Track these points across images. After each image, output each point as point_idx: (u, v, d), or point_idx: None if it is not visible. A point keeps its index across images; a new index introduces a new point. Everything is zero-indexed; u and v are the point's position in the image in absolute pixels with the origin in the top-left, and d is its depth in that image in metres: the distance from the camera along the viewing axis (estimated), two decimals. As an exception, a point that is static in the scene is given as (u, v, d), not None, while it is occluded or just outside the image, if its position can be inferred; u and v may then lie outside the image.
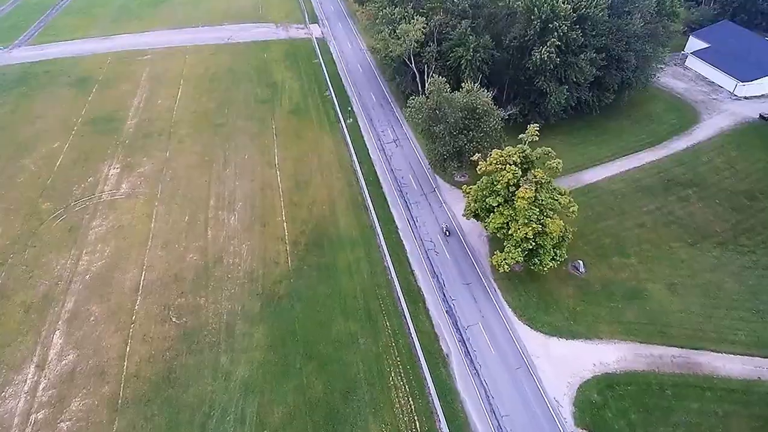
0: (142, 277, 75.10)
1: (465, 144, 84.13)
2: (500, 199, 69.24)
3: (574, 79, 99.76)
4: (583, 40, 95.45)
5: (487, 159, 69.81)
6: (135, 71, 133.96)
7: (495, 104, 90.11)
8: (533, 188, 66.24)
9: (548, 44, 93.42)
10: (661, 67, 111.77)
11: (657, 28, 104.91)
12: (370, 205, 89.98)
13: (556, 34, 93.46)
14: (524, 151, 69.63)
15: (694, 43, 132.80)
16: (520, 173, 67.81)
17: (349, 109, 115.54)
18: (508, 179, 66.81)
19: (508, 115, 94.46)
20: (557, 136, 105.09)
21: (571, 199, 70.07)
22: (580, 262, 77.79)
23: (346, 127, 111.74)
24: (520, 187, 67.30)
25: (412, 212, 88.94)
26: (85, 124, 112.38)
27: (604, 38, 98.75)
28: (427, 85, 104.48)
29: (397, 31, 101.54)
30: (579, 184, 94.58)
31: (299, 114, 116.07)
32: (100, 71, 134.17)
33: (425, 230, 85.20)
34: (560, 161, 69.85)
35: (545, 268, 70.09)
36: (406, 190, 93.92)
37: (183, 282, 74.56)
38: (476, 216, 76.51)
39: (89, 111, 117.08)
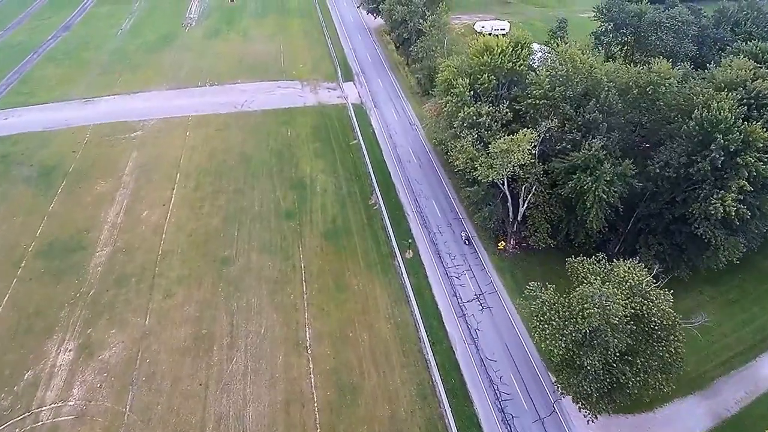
0: None
1: (629, 378, 48.26)
2: None
3: (755, 230, 64.38)
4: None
5: None
6: (118, 157, 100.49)
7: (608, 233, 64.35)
8: None
9: (733, 188, 57.82)
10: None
11: None
12: (458, 443, 54.92)
13: (746, 172, 57.61)
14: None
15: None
16: None
17: (409, 241, 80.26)
18: None
19: (695, 324, 58.25)
20: (704, 288, 75.97)
21: None
22: None
23: (404, 265, 76.68)
24: None
25: (526, 464, 53.53)
26: (38, 256, 79.02)
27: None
28: (520, 214, 70.18)
29: (489, 147, 65.95)
30: (760, 390, 60.57)
31: (337, 240, 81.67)
32: (72, 156, 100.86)
33: None
34: None
35: None
36: (511, 409, 59.31)
37: None
38: None
39: (47, 229, 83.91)
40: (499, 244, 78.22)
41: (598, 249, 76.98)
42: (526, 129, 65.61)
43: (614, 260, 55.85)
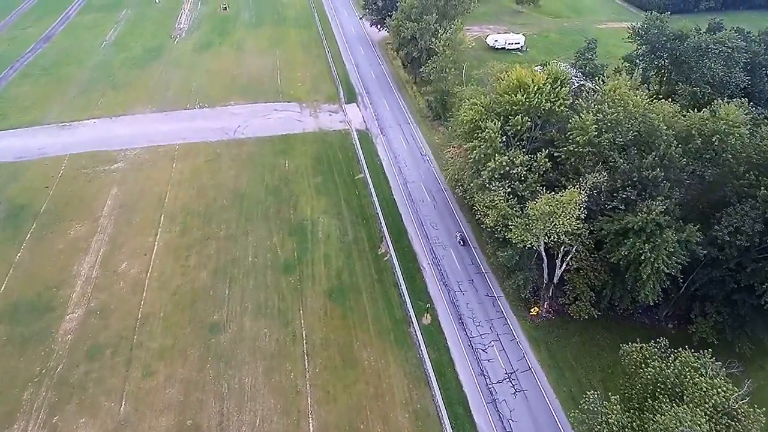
0: None
1: None
2: None
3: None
4: None
5: None
6: (95, 195, 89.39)
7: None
8: None
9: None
10: None
11: None
12: None
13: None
14: None
15: None
16: None
17: (427, 305, 69.25)
18: None
19: None
20: (764, 363, 65.22)
21: None
22: None
23: (422, 333, 65.73)
24: None
25: None
26: (1, 320, 67.44)
27: None
28: (557, 276, 59.72)
29: (527, 207, 54.97)
30: None
31: (343, 300, 70.95)
32: (45, 193, 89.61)
33: None
34: None
35: None
36: None
37: None
38: None
39: (13, 285, 73.67)
40: (532, 310, 67.23)
41: (644, 314, 66.90)
42: (573, 188, 54.33)
43: (677, 346, 46.36)
